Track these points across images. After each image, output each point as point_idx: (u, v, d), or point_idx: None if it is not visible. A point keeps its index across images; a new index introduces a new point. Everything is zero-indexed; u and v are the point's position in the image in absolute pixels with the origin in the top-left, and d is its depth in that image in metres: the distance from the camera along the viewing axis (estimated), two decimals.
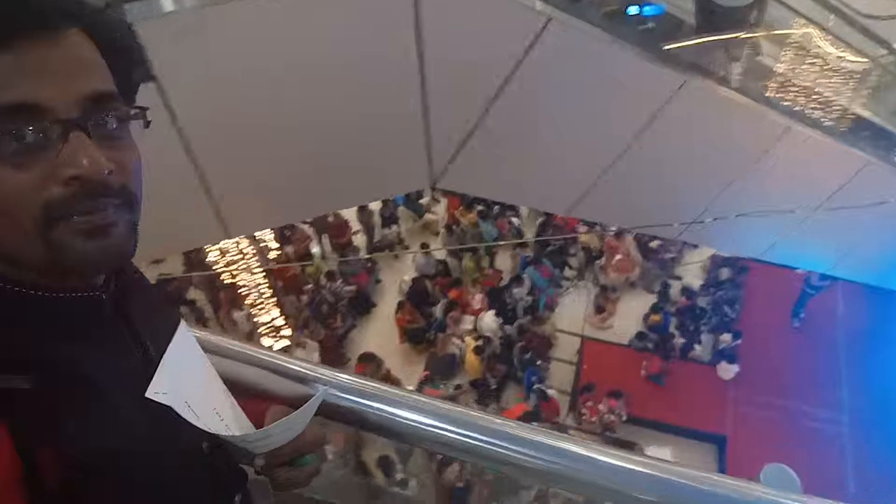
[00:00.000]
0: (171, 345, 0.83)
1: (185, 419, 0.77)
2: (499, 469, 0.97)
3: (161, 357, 0.82)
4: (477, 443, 0.95)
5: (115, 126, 0.72)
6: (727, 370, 9.47)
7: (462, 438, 0.95)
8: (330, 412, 0.98)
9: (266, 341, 8.33)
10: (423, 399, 0.97)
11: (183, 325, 0.89)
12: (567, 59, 4.01)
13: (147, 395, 0.74)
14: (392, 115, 3.93)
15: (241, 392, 0.94)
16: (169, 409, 0.76)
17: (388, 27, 3.50)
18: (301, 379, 0.98)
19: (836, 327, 10.25)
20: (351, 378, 0.99)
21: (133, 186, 0.75)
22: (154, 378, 0.76)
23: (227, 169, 3.70)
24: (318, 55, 3.46)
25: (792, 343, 10.14)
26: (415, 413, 0.96)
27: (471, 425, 0.95)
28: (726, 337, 9.76)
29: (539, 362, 9.42)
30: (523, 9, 3.73)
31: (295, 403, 0.89)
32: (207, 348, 0.93)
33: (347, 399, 0.98)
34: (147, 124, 0.77)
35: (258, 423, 0.88)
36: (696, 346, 9.82)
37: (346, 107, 3.75)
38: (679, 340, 9.82)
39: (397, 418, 0.96)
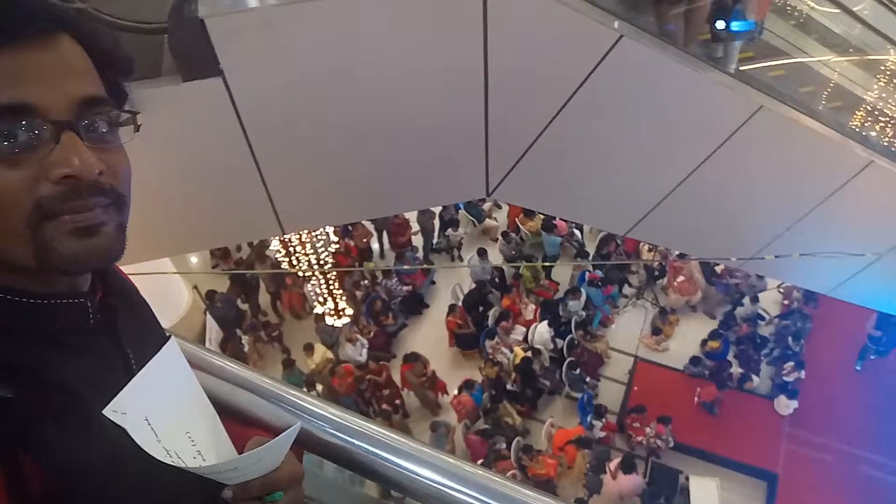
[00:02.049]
0: (151, 361, 0.81)
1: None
2: None
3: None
4: (465, 497, 0.91)
5: (105, 129, 0.74)
6: (786, 405, 9.07)
7: (448, 491, 0.91)
8: (320, 448, 0.96)
9: (329, 320, 8.44)
10: (411, 443, 0.94)
11: (172, 341, 0.88)
12: (636, 78, 3.90)
13: (104, 412, 0.73)
14: (452, 123, 3.90)
15: (230, 415, 0.92)
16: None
17: (455, 35, 3.47)
18: (292, 406, 0.96)
19: None
20: (343, 415, 0.97)
21: (122, 189, 0.76)
22: (117, 396, 0.75)
23: (286, 165, 3.76)
24: (383, 59, 3.46)
25: (855, 384, 9.64)
26: (401, 458, 0.92)
27: (458, 478, 0.90)
28: (789, 366, 9.34)
29: (588, 379, 9.26)
30: (594, 24, 3.64)
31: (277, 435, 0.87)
32: (201, 367, 0.92)
33: (337, 436, 0.95)
34: (137, 128, 0.78)
35: (241, 451, 0.86)
36: (754, 378, 9.45)
37: (407, 112, 3.75)
38: (737, 370, 9.48)
39: (385, 462, 0.93)
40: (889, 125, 6.22)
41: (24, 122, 0.66)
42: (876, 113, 6.31)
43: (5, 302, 0.72)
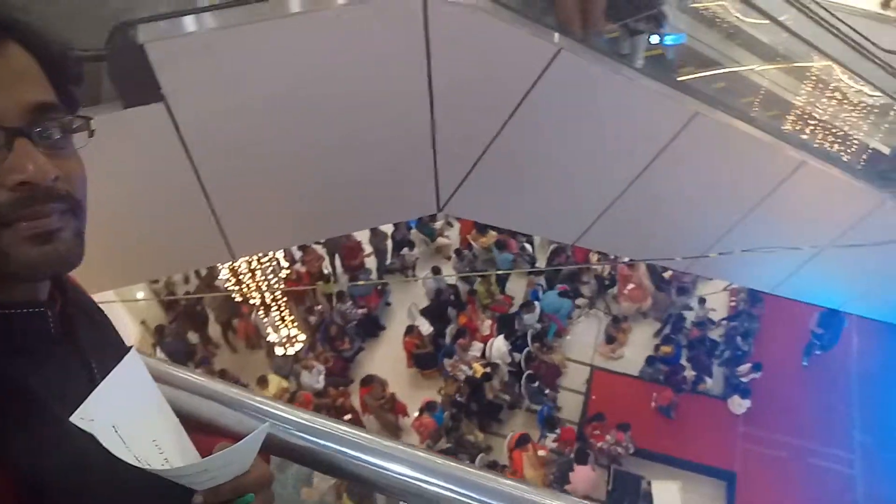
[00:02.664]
0: (114, 370, 0.81)
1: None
2: None
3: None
4: (435, 489, 0.92)
5: (58, 136, 0.73)
6: (739, 405, 9.31)
7: (419, 483, 0.91)
8: (286, 451, 0.95)
9: (279, 350, 8.33)
10: (375, 439, 0.94)
11: (133, 352, 0.87)
12: (577, 90, 4.01)
13: (71, 419, 0.72)
14: (400, 140, 3.93)
15: (195, 427, 0.91)
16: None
17: (398, 53, 3.51)
18: (255, 413, 0.96)
19: (849, 365, 10.07)
20: (307, 416, 0.97)
21: (78, 194, 0.76)
22: (85, 402, 0.74)
23: (234, 190, 3.72)
24: (327, 79, 3.48)
25: (805, 380, 9.98)
26: (367, 454, 0.93)
27: (428, 470, 0.91)
28: (744, 368, 9.60)
29: (547, 391, 9.33)
30: (534, 39, 3.74)
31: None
32: (161, 379, 0.91)
33: (303, 438, 0.95)
34: (91, 134, 0.78)
35: None
36: (708, 380, 9.67)
37: (354, 131, 3.76)
38: (690, 373, 9.69)
39: (351, 459, 0.93)
40: (818, 128, 6.52)
41: None
42: (805, 116, 6.61)
43: None
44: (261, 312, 8.19)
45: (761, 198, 5.05)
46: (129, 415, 0.79)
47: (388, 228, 10.44)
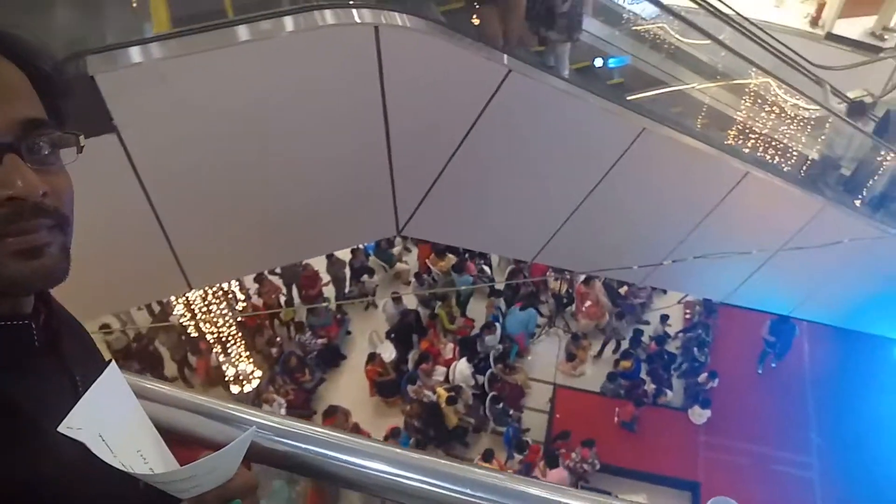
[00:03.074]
0: (96, 382, 0.81)
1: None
2: None
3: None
4: (423, 486, 0.93)
5: (47, 151, 0.74)
6: (700, 415, 9.46)
7: (406, 482, 0.92)
8: (266, 457, 0.95)
9: (234, 388, 8.18)
10: (358, 440, 0.95)
11: (113, 366, 0.87)
12: (528, 109, 4.11)
13: (60, 429, 0.72)
14: (356, 164, 3.96)
15: (176, 439, 0.91)
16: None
17: (351, 78, 3.55)
18: (234, 422, 0.96)
19: (803, 370, 10.38)
20: (286, 421, 0.97)
21: (66, 210, 0.76)
22: (71, 412, 0.74)
23: (189, 219, 3.68)
24: (281, 106, 3.49)
25: (760, 387, 10.23)
26: (351, 455, 0.93)
27: (418, 468, 0.92)
28: (703, 377, 9.78)
29: (511, 412, 9.34)
30: (484, 62, 3.83)
31: None
32: (139, 393, 0.90)
33: (283, 443, 0.95)
34: (80, 150, 0.79)
35: None
36: (668, 392, 9.82)
37: (309, 156, 3.77)
38: (650, 386, 9.83)
39: (334, 461, 0.94)
40: (759, 140, 6.79)
41: None
42: (746, 130, 6.89)
43: None
44: (217, 348, 8.02)
45: (710, 208, 5.22)
46: (113, 425, 0.79)
47: (345, 256, 10.38)
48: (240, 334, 8.02)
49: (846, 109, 7.16)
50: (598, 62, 6.14)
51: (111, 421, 0.79)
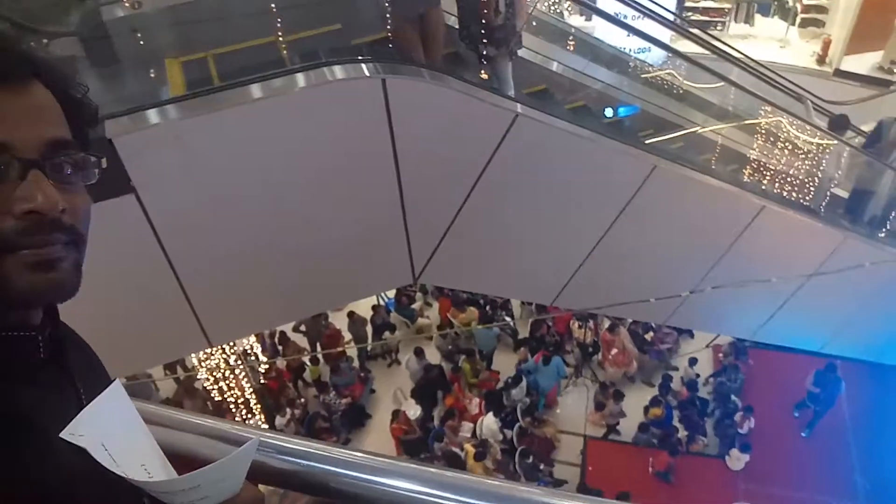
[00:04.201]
0: (100, 395, 0.82)
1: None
2: None
3: None
4: (433, 499, 0.90)
5: (69, 171, 0.77)
6: (738, 459, 9.12)
7: (415, 496, 0.90)
8: (270, 476, 0.93)
9: None
10: (362, 455, 0.93)
11: (117, 383, 0.88)
12: (537, 152, 4.14)
13: (62, 434, 0.73)
14: (371, 215, 4.00)
15: (179, 461, 0.90)
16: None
17: (362, 130, 3.62)
18: (237, 442, 0.94)
19: (842, 408, 9.99)
20: (289, 439, 0.95)
21: (82, 228, 0.79)
22: (74, 420, 0.76)
23: (208, 276, 3.72)
24: (295, 161, 3.56)
25: (798, 429, 9.89)
26: (355, 470, 0.91)
27: (431, 482, 0.90)
28: (739, 416, 9.48)
29: (542, 466, 9.11)
30: (491, 107, 3.89)
31: None
32: (143, 417, 0.90)
33: (287, 461, 0.93)
34: (101, 172, 0.82)
35: None
36: (702, 439, 9.53)
37: (324, 210, 3.82)
38: (684, 434, 9.55)
39: (340, 477, 0.92)
40: (774, 175, 6.78)
41: None
42: (760, 166, 6.90)
43: None
44: (242, 412, 7.98)
45: (728, 245, 5.17)
46: (116, 437, 0.79)
47: (366, 314, 10.39)
48: (263, 397, 8.00)
49: (828, 124, 7.13)
50: (609, 112, 6.25)
51: (114, 433, 0.80)
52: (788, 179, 6.77)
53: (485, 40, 4.44)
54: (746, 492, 9.05)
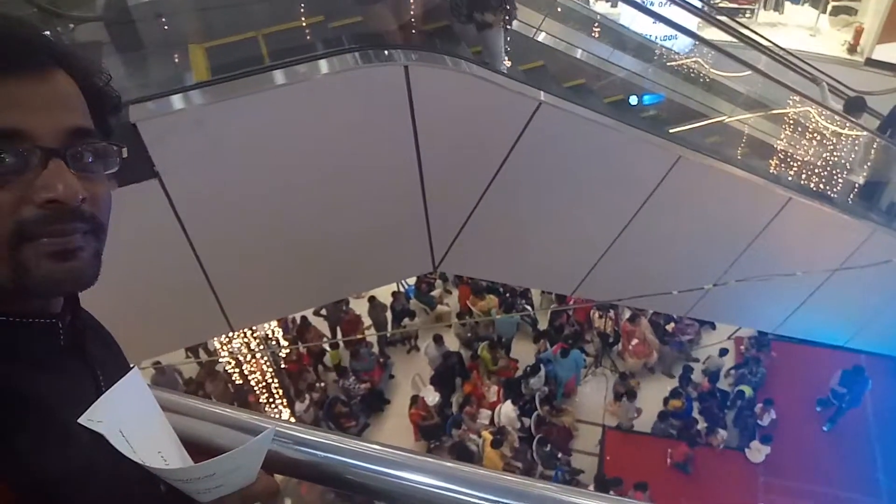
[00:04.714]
0: (118, 383, 0.83)
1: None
2: None
3: None
4: (449, 494, 0.90)
5: (90, 160, 0.77)
6: (759, 451, 9.03)
7: (433, 490, 0.89)
8: (286, 466, 0.94)
9: None
10: (379, 447, 0.93)
11: (136, 370, 0.90)
12: (560, 141, 4.10)
13: (80, 420, 0.74)
14: (392, 202, 4.00)
15: (195, 449, 0.90)
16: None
17: (384, 117, 3.62)
18: (253, 431, 0.95)
19: (865, 404, 9.84)
20: (305, 429, 0.96)
21: (102, 217, 0.79)
22: (92, 406, 0.77)
23: (230, 261, 3.74)
24: (316, 147, 3.56)
25: (821, 424, 9.76)
26: (371, 462, 0.91)
27: (448, 477, 0.90)
28: (759, 408, 9.41)
29: (560, 455, 9.11)
30: (514, 95, 3.85)
31: None
32: (160, 404, 0.90)
33: (303, 451, 0.94)
34: (122, 161, 0.82)
35: None
36: (721, 431, 9.45)
37: (345, 196, 3.82)
38: (703, 425, 9.48)
39: (355, 469, 0.92)
40: (801, 166, 6.66)
41: (14, 147, 0.70)
42: (787, 157, 6.77)
43: None
44: (264, 395, 8.08)
45: (753, 237, 5.09)
46: (134, 424, 0.80)
47: (386, 300, 10.43)
48: (283, 380, 8.07)
49: (844, 105, 6.96)
50: (633, 100, 6.16)
51: (132, 420, 0.80)
52: (816, 171, 6.64)
53: (479, 6, 4.27)
54: (766, 485, 8.97)
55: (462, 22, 4.41)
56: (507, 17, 4.36)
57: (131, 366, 0.93)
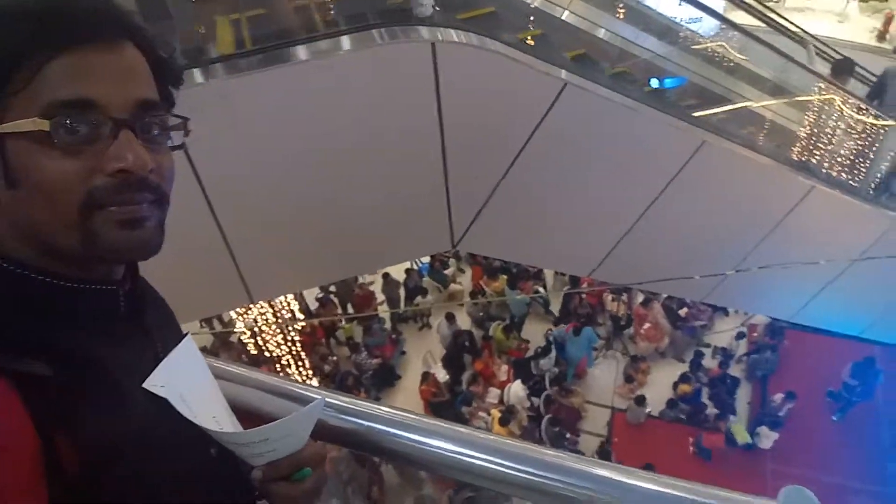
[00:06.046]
0: (175, 349, 0.87)
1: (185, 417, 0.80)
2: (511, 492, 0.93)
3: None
4: (487, 465, 0.93)
5: (157, 132, 0.80)
6: (767, 437, 9.05)
7: (467, 459, 0.92)
8: (331, 435, 0.97)
9: None
10: (420, 418, 0.96)
11: (189, 337, 0.93)
12: (584, 122, 4.09)
13: (144, 385, 0.78)
14: (413, 179, 4.00)
15: (242, 416, 0.93)
16: (171, 408, 0.79)
17: (409, 94, 3.61)
18: (301, 400, 0.98)
19: (876, 394, 9.83)
20: (352, 399, 0.98)
21: (166, 188, 0.82)
22: (154, 371, 0.80)
23: (252, 234, 3.78)
24: (340, 122, 3.56)
25: (829, 411, 9.77)
26: (414, 433, 0.94)
27: (479, 446, 0.93)
28: (779, 397, 9.42)
29: (568, 435, 9.18)
30: (540, 75, 3.83)
31: None
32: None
33: (344, 419, 0.97)
34: (187, 133, 0.85)
35: None
36: (731, 417, 9.48)
37: (367, 172, 3.83)
38: (712, 411, 9.51)
39: (398, 439, 0.95)
40: (825, 155, 6.58)
41: (87, 117, 0.72)
42: (811, 145, 6.69)
43: (44, 284, 0.76)
44: (277, 366, 8.16)
45: (774, 223, 5.07)
46: (191, 389, 0.83)
47: (400, 276, 10.48)
48: (296, 352, 8.15)
49: (831, 68, 6.66)
50: (654, 83, 6.09)
51: (189, 385, 0.84)
52: (839, 160, 6.56)
53: None
54: (774, 472, 9.01)
55: None
56: None
57: (185, 333, 0.96)
